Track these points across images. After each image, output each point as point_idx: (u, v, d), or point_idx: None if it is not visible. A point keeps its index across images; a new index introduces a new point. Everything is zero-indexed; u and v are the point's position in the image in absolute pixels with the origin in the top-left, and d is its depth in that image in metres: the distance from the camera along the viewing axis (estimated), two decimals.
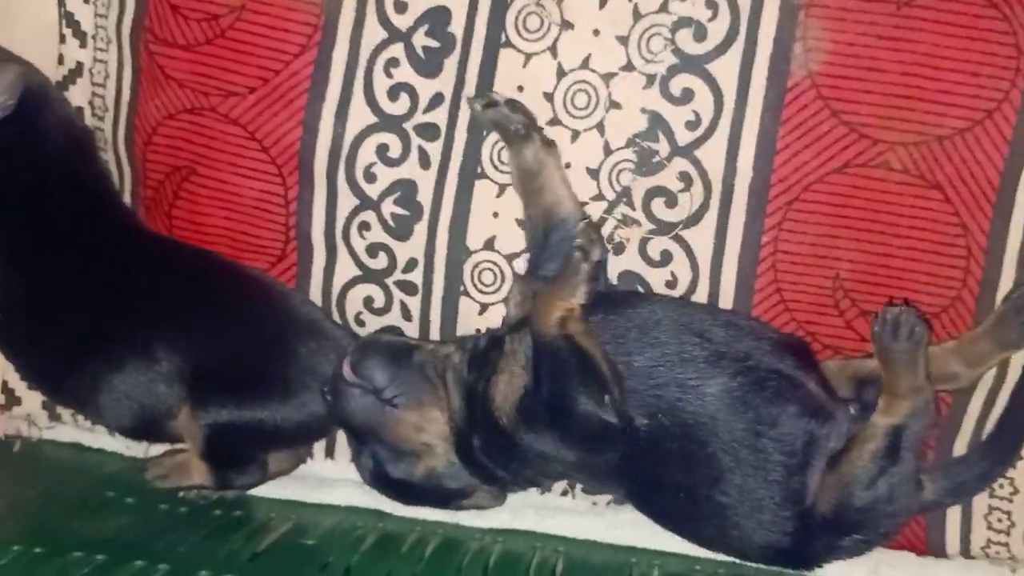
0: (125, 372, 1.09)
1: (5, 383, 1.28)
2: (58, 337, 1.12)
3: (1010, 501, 1.07)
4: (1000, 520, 1.07)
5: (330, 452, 1.21)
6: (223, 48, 1.14)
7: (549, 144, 1.06)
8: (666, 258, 1.11)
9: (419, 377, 1.02)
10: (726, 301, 1.10)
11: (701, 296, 1.10)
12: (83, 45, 1.22)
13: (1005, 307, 0.99)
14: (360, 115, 1.12)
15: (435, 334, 1.16)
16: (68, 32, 1.21)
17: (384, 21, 1.11)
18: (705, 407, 0.94)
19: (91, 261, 1.12)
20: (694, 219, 1.09)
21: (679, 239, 1.10)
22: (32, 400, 1.27)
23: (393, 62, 1.11)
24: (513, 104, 1.05)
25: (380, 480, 1.06)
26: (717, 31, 1.05)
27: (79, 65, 1.22)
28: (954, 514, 1.08)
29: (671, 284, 1.11)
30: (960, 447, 1.08)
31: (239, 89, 1.14)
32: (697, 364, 0.96)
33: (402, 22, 1.11)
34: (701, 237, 1.09)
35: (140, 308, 1.11)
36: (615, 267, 1.11)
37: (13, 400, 1.28)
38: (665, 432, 0.94)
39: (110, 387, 1.10)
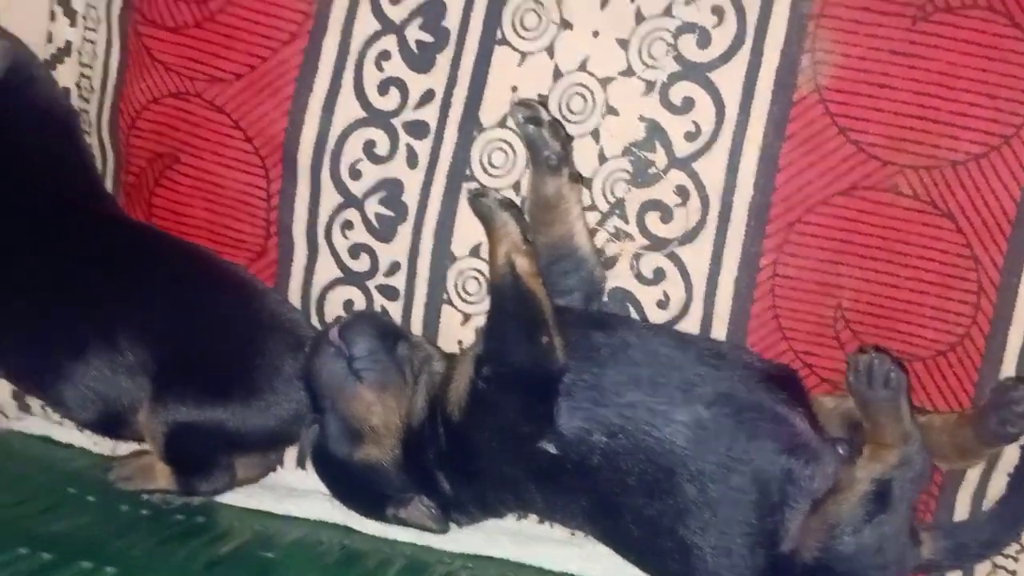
0: (88, 362, 1.06)
1: None
2: (25, 322, 1.09)
3: (1015, 560, 1.01)
4: None
5: (301, 462, 1.17)
6: (212, 32, 1.11)
7: (576, 180, 1.01)
8: (659, 276, 1.05)
9: (394, 366, 1.01)
10: (720, 325, 1.04)
11: (694, 318, 1.05)
12: (73, 24, 1.20)
13: (986, 403, 0.91)
14: (348, 108, 1.09)
15: None
16: (59, 10, 1.20)
17: (378, 12, 1.08)
18: (673, 434, 0.90)
19: (64, 245, 1.09)
20: (690, 236, 1.04)
21: (673, 256, 1.05)
22: (2, 389, 1.24)
23: (385, 55, 1.08)
24: (555, 129, 0.98)
25: (320, 456, 1.03)
26: (722, 38, 1.01)
27: (68, 44, 1.20)
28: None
29: (663, 304, 1.05)
30: (963, 499, 1.02)
31: (226, 75, 1.11)
32: (669, 389, 0.91)
33: (396, 14, 1.07)
34: (696, 256, 1.04)
35: (110, 296, 1.08)
36: (605, 283, 1.06)
37: None
38: (626, 454, 0.90)
39: (73, 376, 1.06)
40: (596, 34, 1.03)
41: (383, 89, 1.08)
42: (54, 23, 1.20)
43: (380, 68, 1.08)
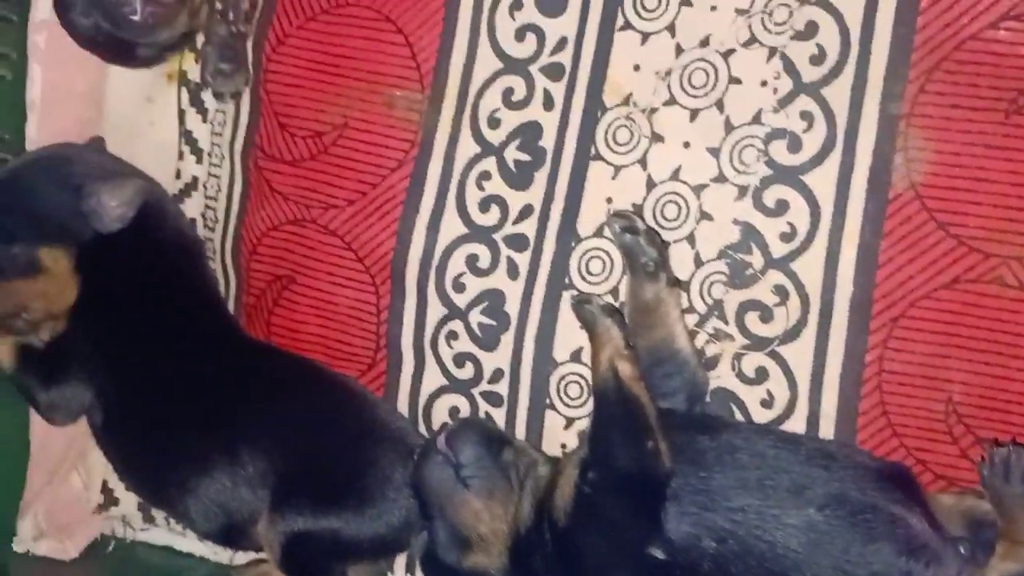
0: (212, 476, 1.11)
1: (105, 483, 1.32)
2: (153, 438, 1.15)
3: None
4: None
5: (411, 569, 1.18)
6: (326, 163, 1.19)
7: (674, 284, 1.04)
8: (761, 375, 1.05)
9: (500, 472, 1.02)
10: (828, 423, 1.03)
11: (801, 417, 1.04)
12: (199, 161, 1.29)
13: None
14: (452, 226, 1.15)
15: None
16: (186, 149, 1.29)
17: (478, 137, 1.14)
18: (786, 539, 0.88)
19: (191, 364, 1.16)
20: (791, 335, 1.04)
21: (775, 355, 1.05)
22: (129, 501, 1.31)
23: (485, 175, 1.14)
24: (651, 236, 1.01)
25: (429, 561, 1.04)
26: (813, 142, 1.03)
27: (194, 179, 1.30)
28: None
29: (767, 403, 1.05)
30: None
31: (339, 202, 1.19)
32: (779, 492, 0.90)
33: (495, 137, 1.13)
34: (799, 354, 1.04)
35: (232, 411, 1.13)
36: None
37: (111, 500, 1.32)
38: (737, 559, 0.88)
39: (197, 489, 1.11)
40: (687, 145, 1.07)
41: (484, 207, 1.14)
42: (182, 161, 1.30)
43: (481, 188, 1.14)
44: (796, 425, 1.04)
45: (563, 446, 1.11)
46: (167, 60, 1.25)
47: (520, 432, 1.14)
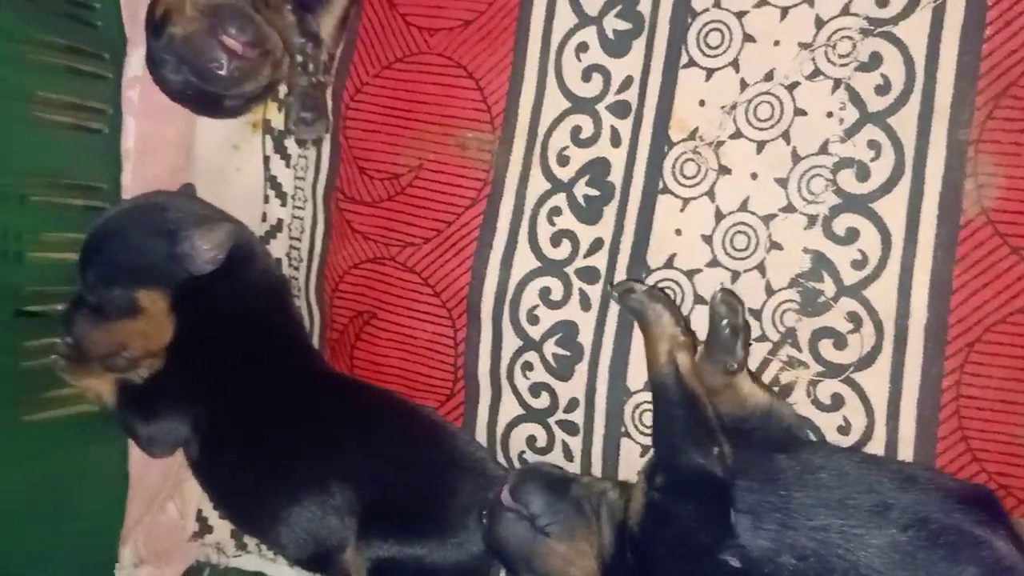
0: (303, 505, 1.15)
1: (200, 511, 1.38)
2: (246, 468, 1.20)
3: None
4: None
5: None
6: (403, 203, 1.24)
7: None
8: (837, 402, 1.06)
9: (574, 509, 1.01)
10: (906, 448, 1.03)
11: (878, 442, 1.04)
12: (283, 204, 1.35)
13: None
14: (524, 261, 1.18)
15: (596, 474, 1.16)
16: (271, 193, 1.35)
17: (548, 174, 1.18)
18: (869, 559, 0.88)
19: (280, 398, 1.21)
20: (866, 361, 1.05)
21: (851, 382, 1.05)
22: (223, 529, 1.37)
23: (556, 211, 1.17)
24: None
25: None
26: (881, 170, 1.04)
27: (279, 221, 1.36)
28: None
29: (844, 429, 1.06)
30: None
31: (416, 240, 1.23)
32: (862, 512, 0.90)
33: (564, 174, 1.17)
34: (875, 380, 1.04)
35: (320, 443, 1.18)
36: None
37: (206, 528, 1.38)
38: None
39: (288, 519, 1.16)
40: (755, 176, 1.09)
41: (555, 241, 1.17)
42: (268, 204, 1.36)
43: (552, 223, 1.17)
44: (875, 451, 1.04)
45: (639, 472, 1.13)
46: (251, 110, 1.32)
47: (596, 460, 1.16)
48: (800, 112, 1.07)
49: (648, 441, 1.13)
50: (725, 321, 1.00)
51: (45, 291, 1.28)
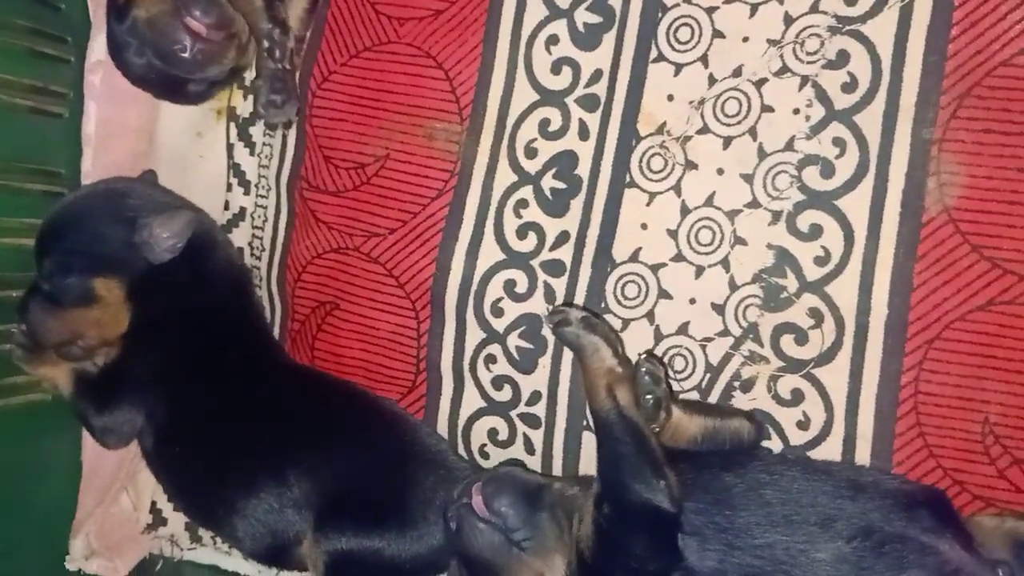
0: (259, 497, 1.13)
1: (154, 503, 1.36)
2: (202, 460, 1.18)
3: None
4: None
5: None
6: (368, 193, 1.23)
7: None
8: (797, 397, 1.06)
9: (550, 522, 0.99)
10: (864, 444, 1.04)
11: (837, 438, 1.05)
12: (247, 192, 1.34)
13: None
14: (490, 253, 1.18)
15: (557, 468, 1.16)
16: (234, 181, 1.34)
17: (515, 166, 1.17)
18: (815, 572, 0.88)
19: (238, 389, 1.19)
20: (826, 357, 1.05)
21: (811, 377, 1.06)
22: (177, 521, 1.34)
23: (522, 203, 1.17)
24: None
25: None
26: (845, 167, 1.05)
27: (242, 210, 1.34)
28: None
29: (803, 424, 1.06)
30: None
31: (380, 230, 1.22)
32: (807, 527, 0.90)
33: (531, 166, 1.16)
34: (835, 376, 1.05)
35: (278, 435, 1.16)
36: (743, 406, 1.08)
37: (160, 520, 1.36)
38: None
39: (245, 511, 1.14)
40: (721, 171, 1.09)
41: (521, 233, 1.17)
42: (231, 193, 1.34)
43: (518, 215, 1.17)
44: (833, 446, 1.05)
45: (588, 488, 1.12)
46: (216, 96, 1.30)
47: (558, 454, 1.16)
48: (767, 108, 1.07)
49: None
50: (649, 396, 0.97)
51: (1, 277, 1.25)
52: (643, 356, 1.03)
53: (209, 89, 1.26)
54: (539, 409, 1.16)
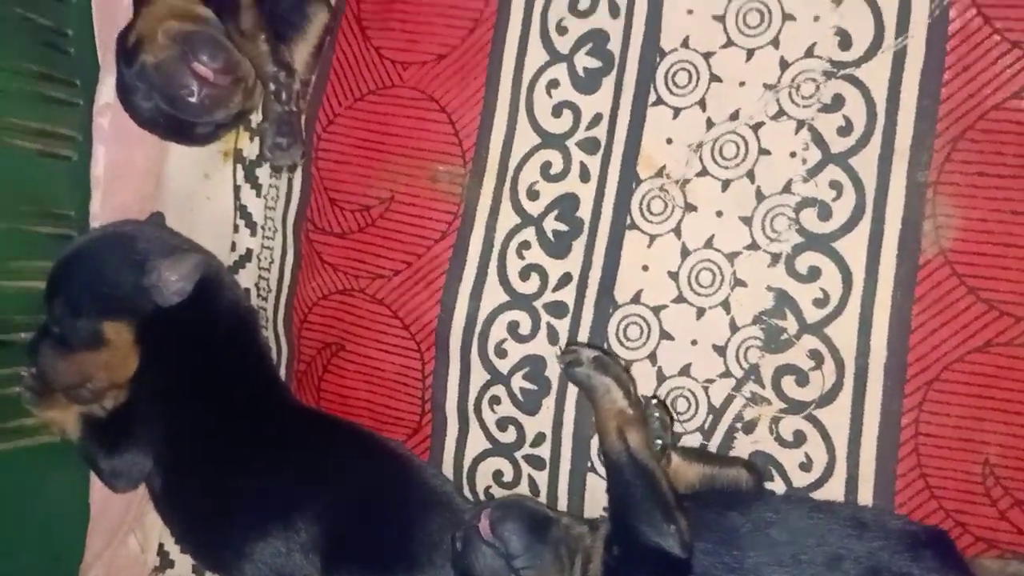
0: (267, 540, 1.14)
1: (161, 545, 1.36)
2: (210, 503, 1.19)
3: None
4: None
5: None
6: (373, 235, 1.24)
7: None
8: (799, 438, 1.07)
9: (551, 554, 1.00)
10: (866, 485, 1.04)
11: (839, 480, 1.05)
12: (253, 234, 1.35)
13: None
14: (493, 294, 1.19)
15: (562, 509, 1.16)
16: (241, 222, 1.35)
17: (517, 208, 1.18)
18: None
19: (245, 432, 1.20)
20: (827, 398, 1.06)
21: (812, 419, 1.07)
22: (184, 564, 1.35)
23: (525, 245, 1.18)
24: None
25: None
26: (842, 210, 1.06)
27: (249, 251, 1.36)
28: None
29: (805, 466, 1.07)
30: None
31: (385, 272, 1.23)
32: (814, 566, 0.91)
33: (533, 208, 1.18)
34: (836, 417, 1.05)
35: (285, 477, 1.17)
36: (746, 447, 1.09)
37: (167, 563, 1.36)
38: None
39: (252, 554, 1.15)
40: (720, 214, 1.10)
41: (524, 275, 1.18)
42: (237, 234, 1.35)
43: (521, 257, 1.18)
44: (835, 487, 1.06)
45: (605, 509, 1.13)
46: (223, 138, 1.32)
47: (563, 495, 1.16)
48: (764, 152, 1.09)
49: None
50: (659, 440, 0.99)
51: (11, 320, 1.26)
52: (654, 402, 1.04)
53: (216, 131, 1.28)
54: (543, 451, 1.17)
